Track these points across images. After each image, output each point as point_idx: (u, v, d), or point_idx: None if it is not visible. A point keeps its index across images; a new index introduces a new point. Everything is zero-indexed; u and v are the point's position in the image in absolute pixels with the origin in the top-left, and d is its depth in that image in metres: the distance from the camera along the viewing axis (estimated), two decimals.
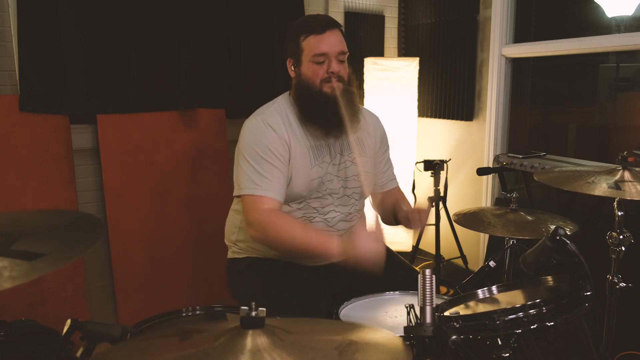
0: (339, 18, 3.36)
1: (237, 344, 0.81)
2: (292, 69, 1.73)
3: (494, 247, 2.91)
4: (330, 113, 1.65)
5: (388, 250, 1.94)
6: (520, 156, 2.70)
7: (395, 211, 1.83)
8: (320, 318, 1.00)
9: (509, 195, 1.98)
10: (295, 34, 1.69)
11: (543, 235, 1.21)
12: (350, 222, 1.78)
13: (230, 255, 1.89)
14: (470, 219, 1.94)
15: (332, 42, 1.64)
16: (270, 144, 1.64)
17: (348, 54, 1.71)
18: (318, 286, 1.69)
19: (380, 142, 1.91)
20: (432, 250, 3.12)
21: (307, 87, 1.68)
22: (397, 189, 1.99)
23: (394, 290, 1.58)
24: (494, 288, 1.33)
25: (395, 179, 2.00)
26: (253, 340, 0.82)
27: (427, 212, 1.71)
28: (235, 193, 1.71)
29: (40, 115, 2.41)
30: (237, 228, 1.84)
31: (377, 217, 1.62)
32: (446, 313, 1.21)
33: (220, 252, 1.99)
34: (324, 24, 1.65)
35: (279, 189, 1.62)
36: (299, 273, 1.72)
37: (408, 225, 1.75)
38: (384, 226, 1.61)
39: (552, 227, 1.81)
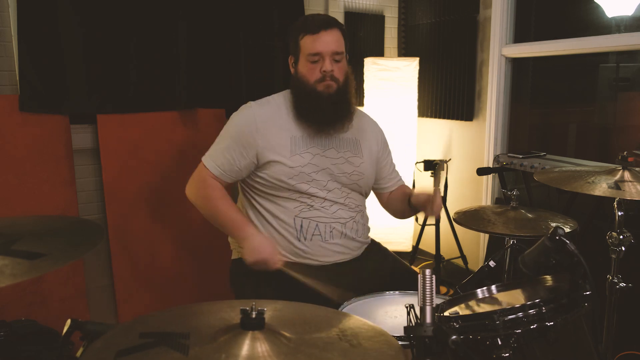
0: (339, 18, 3.36)
1: (236, 345, 0.81)
2: (292, 66, 1.80)
3: (494, 247, 2.91)
4: (322, 111, 1.71)
5: (387, 252, 1.96)
6: (520, 156, 2.70)
7: (406, 199, 1.84)
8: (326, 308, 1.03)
9: (509, 193, 1.98)
10: (295, 32, 1.74)
11: (544, 233, 1.21)
12: (352, 212, 1.80)
13: (234, 255, 1.90)
14: (470, 217, 1.94)
15: (326, 42, 1.68)
16: (242, 129, 1.75)
17: (345, 54, 1.75)
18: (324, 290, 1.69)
19: (382, 146, 1.95)
20: (432, 250, 3.12)
21: (303, 84, 1.74)
22: (404, 185, 2.03)
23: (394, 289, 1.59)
24: (493, 288, 1.33)
25: (401, 178, 2.03)
26: (252, 341, 0.82)
27: (437, 195, 1.66)
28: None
29: (40, 115, 2.41)
30: None
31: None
32: (446, 313, 1.21)
33: (220, 252, 2.00)
34: (320, 23, 1.69)
35: (228, 173, 1.77)
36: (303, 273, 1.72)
37: (424, 210, 1.72)
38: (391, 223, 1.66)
39: (553, 224, 1.82)
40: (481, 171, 2.83)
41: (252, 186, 1.80)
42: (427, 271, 0.94)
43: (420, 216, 1.79)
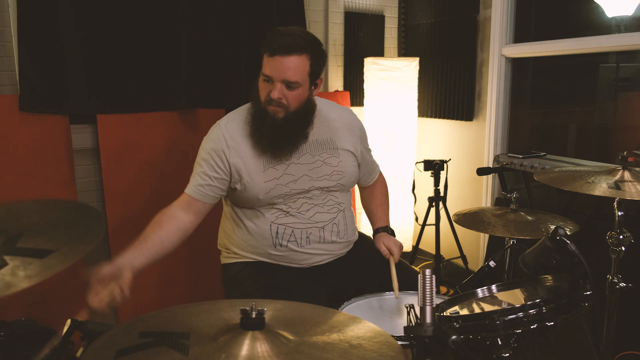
0: (339, 18, 3.36)
1: (236, 345, 0.81)
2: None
3: (494, 247, 2.91)
4: (267, 133, 1.63)
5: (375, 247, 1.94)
6: (520, 156, 2.70)
7: (369, 217, 2.00)
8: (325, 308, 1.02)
9: (509, 195, 1.98)
10: (263, 44, 1.65)
11: (543, 236, 1.21)
12: (331, 213, 1.75)
13: (222, 260, 1.89)
14: (470, 219, 1.94)
15: (279, 69, 1.57)
16: (212, 152, 1.68)
17: (307, 83, 1.63)
18: (311, 288, 1.68)
19: (361, 139, 1.87)
20: (432, 250, 3.12)
21: (257, 99, 1.67)
22: (379, 178, 2.02)
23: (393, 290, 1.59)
24: (493, 287, 1.33)
25: (377, 165, 2.01)
26: (252, 341, 0.82)
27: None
28: None
29: (40, 115, 2.41)
30: (225, 233, 1.84)
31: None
32: (446, 313, 1.21)
33: (218, 254, 1.99)
34: (279, 47, 1.56)
35: (208, 193, 1.71)
36: (290, 275, 1.72)
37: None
38: None
39: (553, 227, 1.81)
40: (481, 171, 2.83)
41: (230, 197, 1.77)
42: (427, 271, 0.94)
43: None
